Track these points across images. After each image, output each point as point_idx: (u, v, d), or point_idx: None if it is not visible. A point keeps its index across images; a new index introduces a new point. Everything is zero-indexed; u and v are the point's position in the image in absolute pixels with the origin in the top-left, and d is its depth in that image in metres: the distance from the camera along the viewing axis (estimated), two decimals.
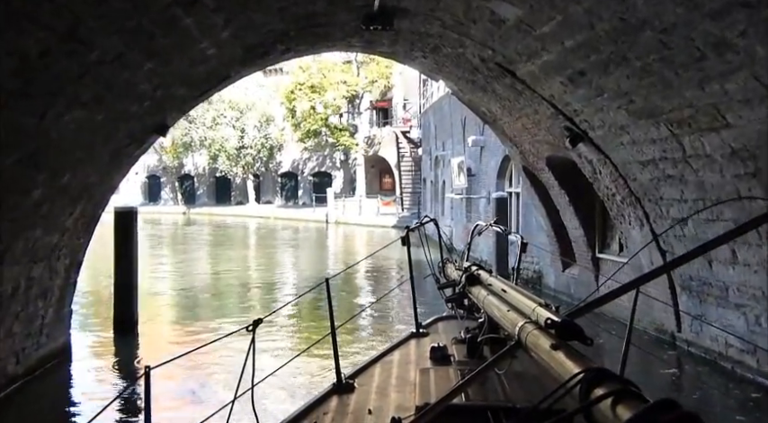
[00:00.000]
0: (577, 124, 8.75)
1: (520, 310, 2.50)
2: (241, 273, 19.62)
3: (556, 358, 1.81)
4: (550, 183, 11.62)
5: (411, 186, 37.21)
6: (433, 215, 26.67)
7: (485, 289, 3.38)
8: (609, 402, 1.44)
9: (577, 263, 12.14)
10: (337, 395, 3.62)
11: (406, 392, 3.51)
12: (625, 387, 1.48)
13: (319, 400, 3.57)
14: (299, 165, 48.79)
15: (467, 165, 19.47)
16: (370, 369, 4.13)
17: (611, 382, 1.53)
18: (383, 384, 3.78)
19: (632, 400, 1.41)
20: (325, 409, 3.43)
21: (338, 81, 40.93)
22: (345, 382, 3.75)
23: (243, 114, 46.57)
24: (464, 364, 3.67)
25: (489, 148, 17.88)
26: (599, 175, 9.49)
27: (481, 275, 3.72)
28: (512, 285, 3.25)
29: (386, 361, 4.31)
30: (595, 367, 1.62)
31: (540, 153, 11.09)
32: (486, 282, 3.53)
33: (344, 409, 3.40)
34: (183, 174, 53.86)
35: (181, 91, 8.13)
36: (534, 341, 2.02)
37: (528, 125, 10.36)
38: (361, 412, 3.32)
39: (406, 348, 4.59)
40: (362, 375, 3.98)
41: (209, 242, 31.34)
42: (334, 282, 14.63)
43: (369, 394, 3.60)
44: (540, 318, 2.15)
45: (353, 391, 3.68)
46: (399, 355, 4.42)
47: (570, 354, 1.80)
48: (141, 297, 10.73)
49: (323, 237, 34.02)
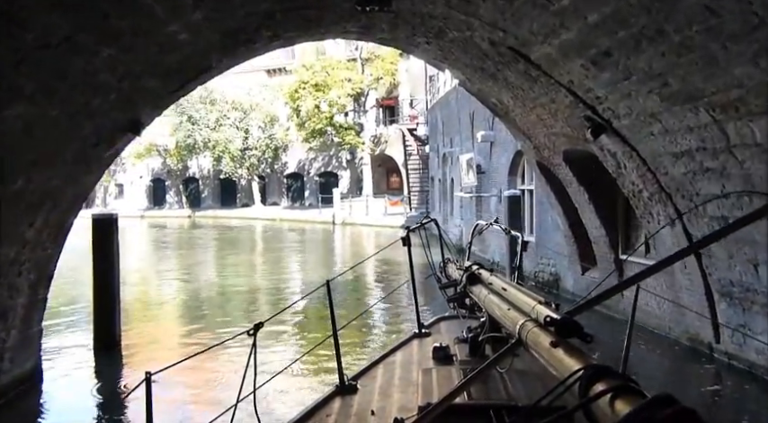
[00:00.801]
0: (600, 113, 7.81)
1: (520, 309, 2.46)
2: (245, 279, 18.70)
3: (555, 356, 1.80)
4: (568, 179, 10.67)
5: (419, 185, 36.24)
6: (442, 215, 25.86)
7: (485, 288, 3.37)
8: (608, 399, 1.42)
9: (598, 265, 11.18)
10: (340, 397, 3.62)
11: (409, 393, 3.52)
12: (625, 383, 1.47)
13: (322, 402, 3.56)
14: (305, 165, 47.94)
15: (476, 161, 18.52)
16: (372, 370, 4.13)
17: (611, 379, 1.52)
18: (386, 385, 3.79)
19: (631, 396, 1.39)
20: (328, 411, 3.43)
21: (343, 79, 39.97)
22: (348, 383, 3.76)
23: (246, 115, 45.74)
24: (466, 364, 3.69)
25: (500, 144, 16.93)
26: (624, 169, 8.54)
27: (482, 274, 3.69)
28: (512, 284, 3.21)
29: (388, 362, 4.32)
30: (594, 364, 1.61)
31: (556, 147, 10.14)
32: (486, 281, 3.51)
33: (347, 411, 3.41)
34: (188, 177, 53.12)
35: (152, 83, 7.25)
36: (534, 339, 2.00)
37: (543, 116, 9.42)
38: (365, 413, 3.33)
39: (409, 349, 4.61)
40: (365, 376, 3.99)
41: (214, 246, 30.61)
42: (343, 284, 14.63)
43: (372, 395, 3.62)
44: (539, 316, 2.11)
45: (356, 392, 3.69)
46: (402, 356, 4.43)
47: (569, 351, 1.78)
48: (140, 307, 9.98)
49: (329, 239, 33.15)
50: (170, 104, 8.54)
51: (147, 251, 29.76)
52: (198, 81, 8.29)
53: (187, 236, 37.43)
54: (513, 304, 2.62)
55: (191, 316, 13.53)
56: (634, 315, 3.57)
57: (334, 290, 4.26)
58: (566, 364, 1.71)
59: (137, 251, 27.68)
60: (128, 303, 11.87)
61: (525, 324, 2.15)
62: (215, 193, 52.12)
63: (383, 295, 14.47)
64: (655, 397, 1.30)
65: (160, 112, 8.23)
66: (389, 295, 13.20)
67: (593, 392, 1.50)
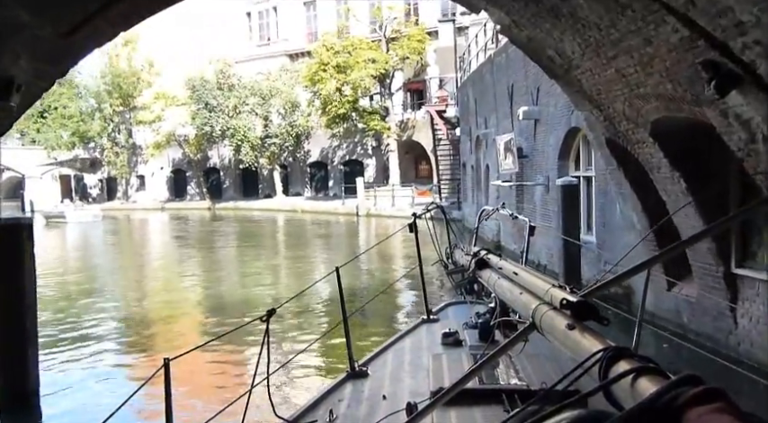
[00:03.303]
0: (736, 54, 4.87)
1: (533, 292, 2.33)
2: (263, 290, 16.02)
3: (572, 338, 1.74)
4: (654, 162, 7.69)
5: (449, 173, 33.19)
6: (476, 206, 22.78)
7: (495, 272, 3.24)
8: (630, 380, 1.35)
9: (696, 280, 8.19)
10: (351, 382, 3.66)
11: (420, 378, 3.53)
12: (647, 364, 1.39)
13: (334, 387, 3.61)
14: (329, 153, 45.16)
15: (516, 144, 15.49)
16: (382, 356, 4.15)
17: (632, 360, 1.45)
18: (396, 370, 3.82)
19: (655, 377, 1.33)
20: (340, 396, 3.48)
21: (366, 59, 36.96)
22: (359, 369, 3.80)
23: (266, 101, 43.11)
24: (476, 349, 3.66)
25: (547, 121, 13.92)
26: (760, 144, 5.57)
27: (491, 259, 3.53)
28: (523, 268, 3.06)
29: (398, 347, 4.33)
30: (615, 346, 1.54)
31: (642, 115, 7.17)
32: (496, 265, 3.37)
33: (359, 396, 3.45)
34: (209, 167, 50.87)
35: (24, 17, 4.54)
36: (549, 322, 1.92)
37: (628, 69, 6.46)
38: (376, 398, 3.35)
39: (418, 334, 4.60)
40: (375, 362, 4.01)
41: (232, 243, 28.28)
42: (367, 277, 14.63)
43: (382, 380, 3.65)
44: (554, 299, 2.01)
45: (367, 377, 3.73)
46: (411, 342, 4.43)
47: (587, 333, 1.72)
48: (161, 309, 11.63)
49: (353, 232, 30.46)
50: (68, 59, 5.70)
51: (167, 247, 27.89)
52: (114, 24, 5.52)
53: (205, 230, 35.36)
54: (526, 288, 2.44)
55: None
56: (644, 301, 3.75)
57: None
58: (584, 347, 1.63)
59: (151, 249, 27.23)
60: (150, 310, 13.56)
61: (539, 307, 2.02)
62: (236, 184, 49.76)
63: (408, 286, 13.84)
64: (681, 376, 1.18)
65: (51, 66, 5.48)
66: (397, 282, 13.24)
67: (613, 374, 1.42)
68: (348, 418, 3.21)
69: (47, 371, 8.59)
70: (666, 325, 8.68)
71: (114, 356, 10.14)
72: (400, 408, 2.86)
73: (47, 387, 7.75)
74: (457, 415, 2.78)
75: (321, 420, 3.22)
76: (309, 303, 12.53)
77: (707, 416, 1.09)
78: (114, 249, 28.77)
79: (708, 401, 1.11)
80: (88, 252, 28.03)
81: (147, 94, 49.71)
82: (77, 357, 10.00)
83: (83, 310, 13.79)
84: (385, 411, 3.07)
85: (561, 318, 1.86)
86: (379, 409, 3.17)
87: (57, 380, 8.56)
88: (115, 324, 12.66)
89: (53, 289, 16.12)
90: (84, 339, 11.09)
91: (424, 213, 5.34)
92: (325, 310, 12.20)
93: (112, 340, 11.37)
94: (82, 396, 8.10)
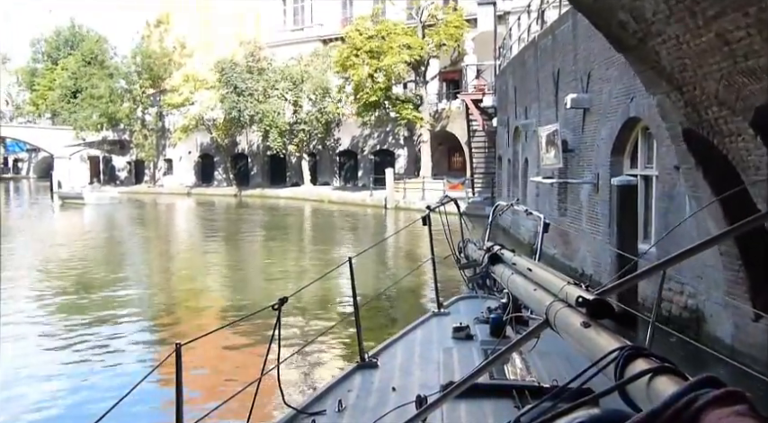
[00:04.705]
0: None
1: (547, 289, 2.31)
2: (280, 282, 15.04)
3: (587, 336, 1.70)
4: (752, 160, 5.99)
5: (484, 166, 31.35)
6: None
7: (509, 268, 3.19)
8: (647, 379, 1.33)
9: None
10: (361, 373, 3.64)
11: (430, 371, 3.51)
12: (665, 364, 1.37)
13: (343, 377, 3.60)
14: (359, 142, 43.63)
15: (561, 136, 13.75)
16: (392, 347, 4.12)
17: (650, 360, 1.42)
18: (406, 363, 3.79)
19: (673, 377, 1.31)
20: (350, 386, 3.47)
21: (400, 45, 35.22)
22: (369, 359, 3.78)
23: (296, 86, 41.72)
24: (487, 344, 3.69)
25: (599, 110, 12.17)
26: None
27: (504, 255, 3.45)
28: (538, 264, 2.94)
29: (408, 340, 4.29)
30: (632, 345, 1.51)
31: (742, 98, 5.47)
32: (510, 261, 3.27)
33: (369, 387, 3.44)
34: (237, 153, 49.82)
35: None
36: (563, 319, 1.90)
37: (737, 32, 4.78)
38: (386, 390, 3.35)
39: (428, 327, 4.57)
40: (385, 354, 3.98)
41: (252, 232, 27.07)
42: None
43: (392, 372, 3.63)
44: (569, 296, 1.99)
45: (377, 368, 3.70)
46: (421, 334, 4.40)
47: (603, 331, 1.69)
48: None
49: (379, 226, 28.94)
50: None
51: (172, 237, 26.93)
52: None
53: (228, 218, 34.53)
54: (540, 284, 2.38)
55: None
56: (660, 300, 3.22)
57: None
58: (599, 345, 1.60)
59: (166, 234, 26.86)
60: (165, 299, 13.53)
61: (554, 304, 2.01)
62: (264, 171, 48.61)
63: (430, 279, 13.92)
64: (700, 378, 1.18)
65: None
66: (419, 275, 12.91)
67: (629, 373, 1.39)
68: (357, 409, 3.18)
69: (56, 354, 9.44)
70: (747, 360, 6.97)
71: (127, 341, 10.19)
72: (410, 400, 2.82)
73: (57, 369, 8.61)
74: (467, 409, 2.77)
75: (330, 410, 3.18)
76: (325, 294, 12.61)
77: (727, 419, 1.05)
78: (129, 234, 27.88)
79: (729, 404, 1.07)
80: (99, 234, 27.23)
81: (177, 76, 48.80)
82: (89, 341, 10.07)
83: (97, 297, 13.66)
84: (394, 403, 3.03)
85: (576, 315, 1.82)
86: (389, 401, 3.14)
87: (64, 364, 9.01)
88: (128, 310, 12.48)
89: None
90: (98, 324, 11.17)
91: (438, 206, 5.37)
92: (340, 300, 12.26)
93: (127, 325, 11.28)
94: (94, 379, 8.35)
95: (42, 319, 11.74)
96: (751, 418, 1.04)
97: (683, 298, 8.78)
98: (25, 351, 9.65)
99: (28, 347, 9.88)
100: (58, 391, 7.98)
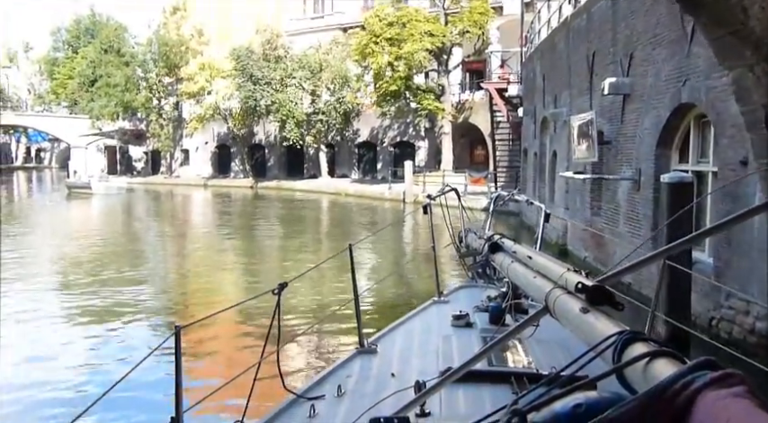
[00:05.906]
0: None
1: (547, 276, 2.31)
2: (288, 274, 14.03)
3: (586, 322, 1.73)
4: None
5: (507, 160, 29.79)
6: (538, 200, 19.58)
7: (509, 256, 3.18)
8: (645, 363, 1.34)
9: None
10: (360, 358, 3.66)
11: (429, 357, 3.51)
12: (662, 348, 1.37)
13: (343, 363, 3.61)
14: (379, 134, 42.20)
15: (597, 126, 12.22)
16: (391, 334, 4.14)
17: (647, 344, 1.42)
18: (406, 349, 3.79)
19: (671, 361, 1.31)
20: (349, 372, 3.48)
21: (422, 32, 33.66)
22: (368, 345, 3.79)
23: (314, 75, 40.39)
24: (487, 332, 3.69)
25: (642, 96, 10.63)
26: None
27: (505, 243, 3.46)
28: (538, 252, 3.02)
29: (408, 327, 4.31)
30: (630, 330, 1.53)
31: None
32: (510, 249, 3.30)
33: (368, 373, 3.45)
34: (254, 144, 48.72)
35: None
36: (563, 306, 1.93)
37: None
38: (385, 376, 3.34)
39: (428, 315, 4.58)
40: (384, 340, 4.00)
41: (265, 226, 25.94)
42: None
43: (391, 358, 3.63)
44: (569, 283, 1.99)
45: (376, 354, 3.71)
46: (421, 322, 4.42)
47: (602, 317, 1.71)
48: None
49: (398, 225, 27.54)
50: None
51: (178, 231, 25.95)
52: None
53: (243, 211, 33.52)
54: (540, 272, 2.40)
55: None
56: (659, 288, 3.48)
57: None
58: (597, 330, 1.62)
59: (173, 227, 26.06)
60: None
61: (553, 291, 2.04)
62: (281, 163, 47.47)
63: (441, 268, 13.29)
64: (698, 361, 1.18)
65: None
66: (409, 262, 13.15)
67: (627, 358, 1.40)
68: (356, 394, 3.14)
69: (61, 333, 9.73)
70: None
71: (131, 324, 10.24)
72: (408, 385, 2.78)
73: (62, 349, 8.87)
74: (465, 394, 2.78)
75: (329, 395, 3.15)
76: (328, 280, 12.61)
77: (725, 400, 1.05)
78: (133, 227, 26.92)
79: (726, 386, 1.08)
80: (99, 224, 26.36)
81: (193, 64, 47.78)
82: (92, 324, 10.30)
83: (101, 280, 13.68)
84: (393, 388, 2.97)
85: (575, 301, 1.83)
86: (388, 386, 3.10)
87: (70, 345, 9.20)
88: (133, 298, 12.30)
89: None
90: (102, 308, 11.26)
91: (439, 195, 5.56)
92: (341, 286, 12.14)
93: (132, 309, 11.27)
94: (96, 359, 8.54)
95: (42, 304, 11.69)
96: (748, 399, 1.03)
97: (748, 319, 7.28)
98: (33, 332, 9.89)
99: (36, 328, 10.10)
100: (59, 369, 8.10)
